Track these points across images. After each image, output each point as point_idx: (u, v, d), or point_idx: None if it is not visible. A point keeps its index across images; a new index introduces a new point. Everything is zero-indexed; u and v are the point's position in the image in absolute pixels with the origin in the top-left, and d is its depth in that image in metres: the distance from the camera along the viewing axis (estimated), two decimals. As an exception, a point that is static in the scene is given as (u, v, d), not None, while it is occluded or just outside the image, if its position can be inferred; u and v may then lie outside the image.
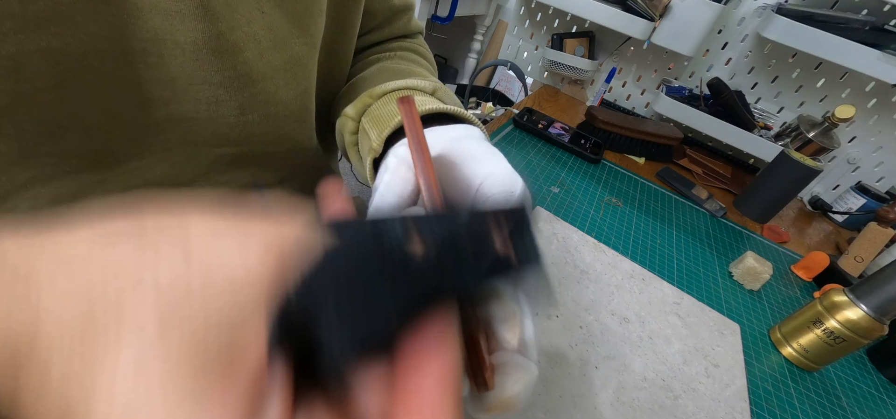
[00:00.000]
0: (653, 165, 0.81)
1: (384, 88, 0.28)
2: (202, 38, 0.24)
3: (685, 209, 0.69)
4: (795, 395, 0.42)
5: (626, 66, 1.02)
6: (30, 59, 0.19)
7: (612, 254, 0.51)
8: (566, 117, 0.92)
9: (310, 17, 0.29)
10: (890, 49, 0.67)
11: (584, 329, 0.40)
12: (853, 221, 0.83)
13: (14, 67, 0.19)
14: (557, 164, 0.68)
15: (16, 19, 0.18)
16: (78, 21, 0.19)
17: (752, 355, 0.45)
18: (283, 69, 0.29)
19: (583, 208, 0.59)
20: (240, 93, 0.27)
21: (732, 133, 0.83)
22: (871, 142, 0.84)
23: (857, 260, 0.61)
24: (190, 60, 0.24)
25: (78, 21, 0.19)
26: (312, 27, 0.30)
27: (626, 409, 0.34)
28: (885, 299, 0.41)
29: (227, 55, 0.25)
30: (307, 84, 0.32)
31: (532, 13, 1.08)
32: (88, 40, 0.20)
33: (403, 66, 0.36)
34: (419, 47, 0.45)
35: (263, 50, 0.27)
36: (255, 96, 0.28)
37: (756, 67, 0.89)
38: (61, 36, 0.19)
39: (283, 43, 0.28)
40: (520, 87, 1.14)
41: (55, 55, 0.20)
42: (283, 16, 0.27)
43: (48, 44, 0.19)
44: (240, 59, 0.26)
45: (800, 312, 0.46)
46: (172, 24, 0.22)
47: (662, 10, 0.83)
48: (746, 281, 0.54)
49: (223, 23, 0.24)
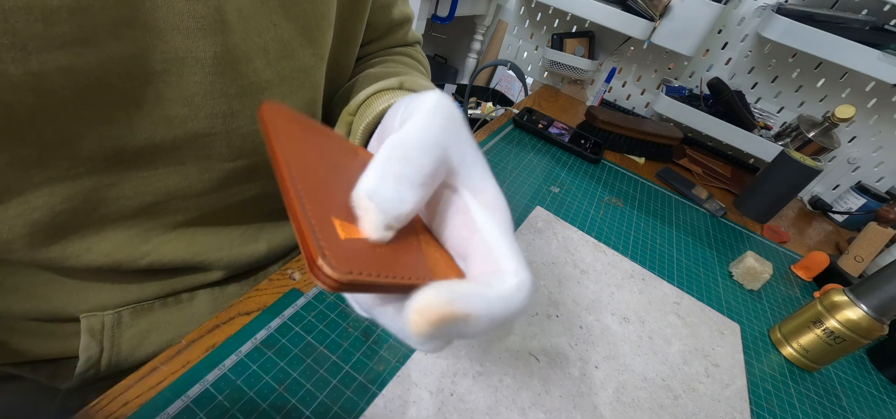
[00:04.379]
0: (653, 165, 0.81)
1: (357, 101, 0.29)
2: (220, 51, 0.24)
3: (685, 209, 0.69)
4: (795, 395, 0.42)
5: (626, 66, 1.02)
6: (52, 76, 0.19)
7: (612, 254, 0.51)
8: (566, 117, 0.92)
9: (319, 30, 0.30)
10: (890, 49, 0.67)
11: (584, 329, 0.40)
12: (853, 221, 0.83)
13: (37, 83, 0.19)
14: (557, 164, 0.68)
15: (41, 39, 0.18)
16: (101, 42, 0.20)
17: (752, 355, 0.45)
18: (290, 77, 0.30)
19: (583, 208, 0.59)
20: (251, 102, 0.28)
21: (732, 133, 0.83)
22: (871, 142, 0.84)
23: (858, 260, 0.61)
24: (209, 75, 0.24)
25: (101, 42, 0.20)
26: (321, 39, 0.31)
27: (626, 409, 0.34)
28: (885, 299, 0.41)
29: (240, 65, 0.26)
30: (314, 93, 0.33)
31: (532, 13, 1.08)
32: (110, 61, 0.21)
33: (386, 70, 0.37)
34: (415, 53, 0.46)
35: (272, 59, 0.28)
36: None
37: (756, 67, 0.89)
38: (83, 56, 0.20)
39: (291, 53, 0.29)
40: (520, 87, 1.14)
41: (77, 74, 0.20)
42: (295, 28, 0.28)
43: (71, 63, 0.20)
44: (250, 68, 0.26)
45: (800, 312, 0.46)
46: (194, 42, 0.23)
47: (662, 10, 0.83)
48: (746, 281, 0.54)
49: (237, 34, 0.24)
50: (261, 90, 0.28)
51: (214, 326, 0.30)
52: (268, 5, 0.25)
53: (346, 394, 0.29)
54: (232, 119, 0.27)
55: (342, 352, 0.31)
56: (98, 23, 0.19)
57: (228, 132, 0.27)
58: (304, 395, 0.28)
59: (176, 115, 0.24)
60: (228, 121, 0.27)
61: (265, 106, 0.15)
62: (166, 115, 0.24)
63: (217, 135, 0.27)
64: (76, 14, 0.19)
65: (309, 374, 0.29)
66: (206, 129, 0.26)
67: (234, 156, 0.29)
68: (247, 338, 0.30)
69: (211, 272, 0.35)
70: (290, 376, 0.29)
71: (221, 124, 0.27)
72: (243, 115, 0.27)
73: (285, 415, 0.27)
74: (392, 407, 0.29)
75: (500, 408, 0.31)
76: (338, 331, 0.33)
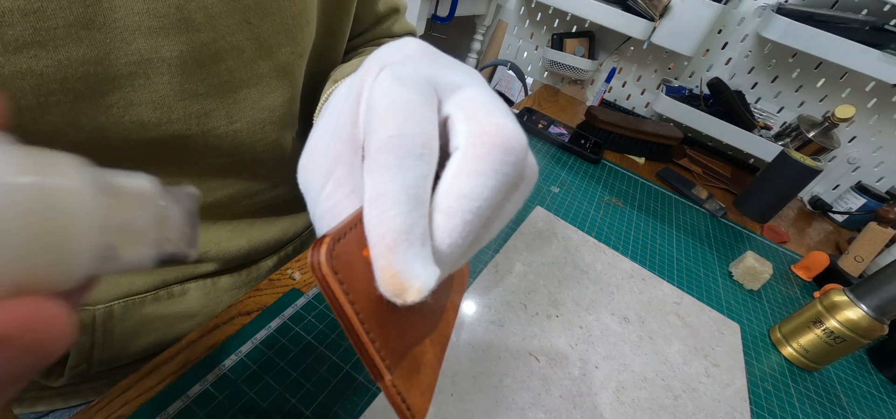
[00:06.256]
0: (653, 165, 0.81)
1: (320, 103, 0.28)
2: (187, 51, 0.24)
3: (685, 209, 0.69)
4: (795, 395, 0.42)
5: (626, 66, 1.02)
6: (11, 80, 0.19)
7: (612, 254, 0.51)
8: (566, 117, 0.92)
9: (297, 27, 0.30)
10: (890, 49, 0.67)
11: (584, 329, 0.40)
12: (853, 221, 0.83)
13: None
14: (557, 164, 0.68)
15: None
16: (58, 45, 0.19)
17: (752, 355, 0.45)
18: (269, 76, 0.29)
19: (583, 208, 0.59)
20: (225, 101, 0.27)
21: (732, 133, 0.83)
22: (871, 142, 0.84)
23: (858, 260, 0.61)
24: (177, 76, 0.24)
25: (58, 45, 0.19)
26: (300, 36, 0.30)
27: (626, 409, 0.34)
28: (885, 299, 0.41)
29: (209, 65, 0.25)
30: (293, 91, 0.32)
31: (532, 13, 1.08)
32: (70, 64, 0.20)
33: (355, 62, 0.36)
34: None
35: (247, 59, 0.27)
36: (240, 103, 0.28)
37: (756, 67, 0.89)
38: (41, 59, 0.19)
39: (269, 51, 0.28)
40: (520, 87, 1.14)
41: (36, 78, 0.20)
42: (272, 26, 0.27)
43: (29, 66, 0.19)
44: (222, 67, 0.26)
45: (800, 312, 0.46)
46: (158, 42, 0.22)
47: (662, 9, 0.83)
48: (746, 281, 0.54)
49: (205, 33, 0.24)
50: (235, 89, 0.27)
51: (214, 326, 0.30)
52: (240, 4, 0.25)
53: (346, 394, 0.29)
54: (206, 119, 0.27)
55: (342, 352, 0.31)
56: (53, 24, 0.19)
57: (205, 133, 0.27)
58: (304, 395, 0.28)
59: (148, 119, 0.24)
60: (203, 121, 0.27)
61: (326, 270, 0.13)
62: (139, 120, 0.24)
63: (193, 136, 0.27)
64: (29, 16, 0.18)
65: (309, 374, 0.29)
66: (182, 131, 0.26)
67: (213, 154, 0.29)
68: (247, 338, 0.30)
69: (203, 264, 0.35)
70: (290, 376, 0.29)
71: (196, 125, 0.26)
72: (218, 114, 0.27)
73: (285, 415, 0.27)
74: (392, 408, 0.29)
75: (500, 408, 0.31)
76: (338, 332, 0.33)
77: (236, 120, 0.28)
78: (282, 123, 0.32)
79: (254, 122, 0.30)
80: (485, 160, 0.13)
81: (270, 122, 0.31)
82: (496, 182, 0.13)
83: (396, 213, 0.12)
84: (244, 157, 0.31)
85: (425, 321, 0.17)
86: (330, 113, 0.18)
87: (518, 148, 0.14)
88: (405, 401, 0.14)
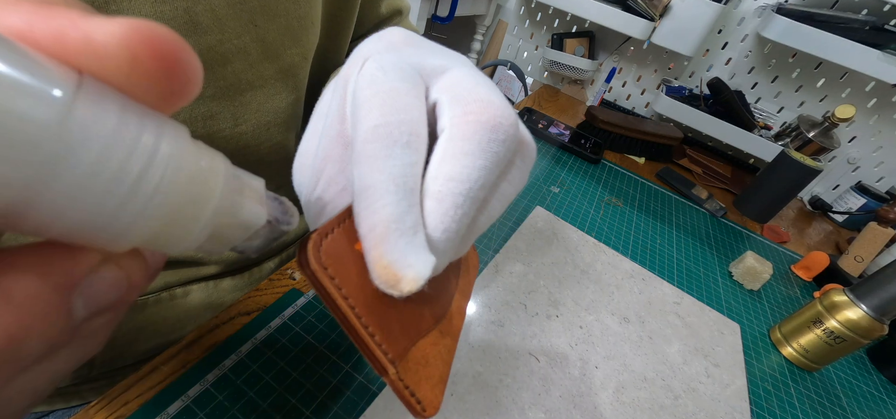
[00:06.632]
0: (653, 165, 0.81)
1: None
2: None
3: (685, 209, 0.69)
4: (795, 395, 0.42)
5: (626, 66, 1.02)
6: None
7: (612, 254, 0.51)
8: (566, 117, 0.92)
9: (303, 29, 0.30)
10: (890, 49, 0.67)
11: (584, 329, 0.40)
12: (853, 221, 0.83)
13: None
14: (557, 164, 0.68)
15: None
16: None
17: (752, 355, 0.45)
18: (274, 79, 0.29)
19: (583, 208, 0.59)
20: (231, 104, 0.27)
21: (732, 133, 0.83)
22: (871, 142, 0.84)
23: (858, 260, 0.61)
24: None
25: None
26: (305, 38, 0.30)
27: (626, 409, 0.34)
28: (885, 299, 0.41)
29: (216, 67, 0.25)
30: (298, 93, 0.33)
31: (532, 13, 1.08)
32: None
33: None
34: None
35: (253, 61, 0.27)
36: (246, 105, 0.28)
37: (756, 67, 0.89)
38: None
39: (275, 54, 0.28)
40: (520, 87, 1.14)
41: None
42: (277, 28, 0.28)
43: None
44: (228, 69, 0.26)
45: (800, 312, 0.46)
46: None
47: (662, 9, 0.83)
48: (746, 281, 0.54)
49: (212, 36, 0.24)
50: (241, 91, 0.27)
51: (214, 326, 0.30)
52: (247, 6, 0.25)
53: (346, 394, 0.29)
54: (212, 121, 0.27)
55: (342, 352, 0.31)
56: None
57: (210, 135, 0.27)
58: (304, 395, 0.28)
59: None
60: (209, 124, 0.27)
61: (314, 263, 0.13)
62: None
63: (198, 139, 0.27)
64: None
65: (309, 374, 0.29)
66: None
67: None
68: (247, 338, 0.30)
69: (206, 266, 0.35)
70: (290, 376, 0.29)
71: (202, 127, 0.26)
72: (223, 116, 0.27)
73: (285, 415, 0.27)
74: (392, 407, 0.29)
75: (499, 408, 0.31)
76: (338, 331, 0.33)
77: (242, 122, 0.28)
78: (286, 125, 0.32)
79: (259, 125, 0.30)
80: (471, 140, 0.13)
81: (275, 124, 0.31)
82: (485, 161, 0.13)
83: (385, 204, 0.12)
84: (248, 159, 0.31)
85: (431, 312, 0.16)
86: (319, 113, 0.18)
87: (506, 124, 0.13)
88: (415, 394, 0.14)
